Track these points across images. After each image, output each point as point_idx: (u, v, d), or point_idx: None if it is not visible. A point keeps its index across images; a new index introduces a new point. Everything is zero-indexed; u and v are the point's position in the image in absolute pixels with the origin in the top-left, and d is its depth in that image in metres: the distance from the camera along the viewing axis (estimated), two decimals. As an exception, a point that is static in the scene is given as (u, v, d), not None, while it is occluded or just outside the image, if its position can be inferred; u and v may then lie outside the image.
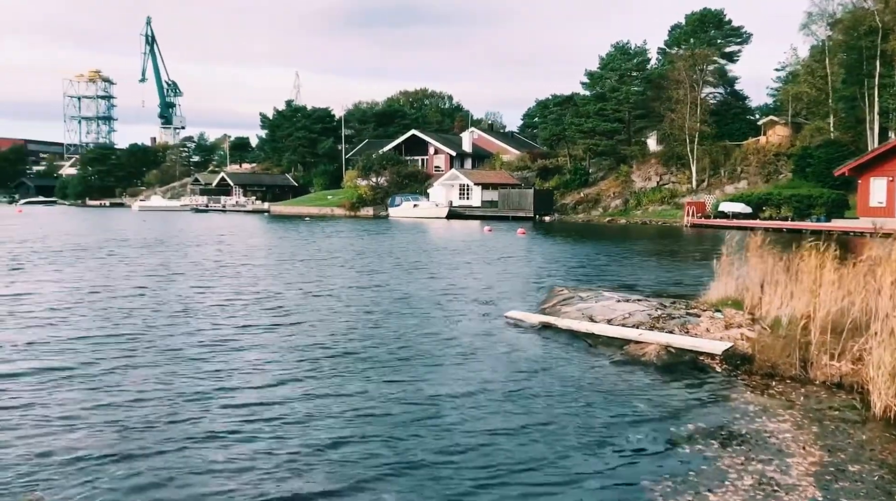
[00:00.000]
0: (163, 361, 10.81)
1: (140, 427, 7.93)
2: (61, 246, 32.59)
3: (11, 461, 6.97)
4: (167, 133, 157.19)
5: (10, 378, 9.84)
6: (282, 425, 8.03)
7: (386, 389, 9.45)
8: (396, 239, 39.35)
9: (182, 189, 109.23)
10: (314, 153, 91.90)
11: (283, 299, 16.84)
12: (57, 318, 14.16)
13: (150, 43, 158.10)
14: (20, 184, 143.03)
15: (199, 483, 6.52)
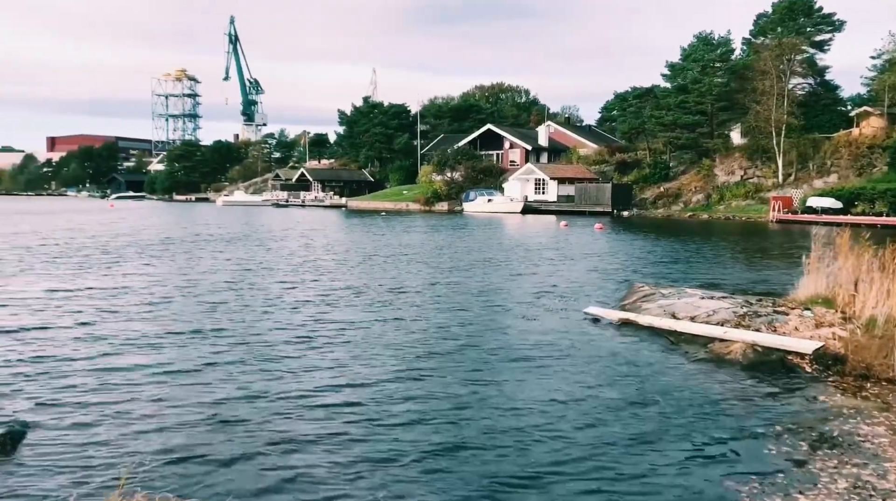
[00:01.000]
0: (254, 357, 11.19)
1: (233, 423, 8.25)
2: (155, 240, 34.04)
3: (105, 454, 7.37)
4: (249, 130, 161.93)
5: (111, 372, 10.37)
6: (369, 425, 8.18)
7: (465, 387, 9.51)
8: (472, 234, 39.45)
9: (263, 184, 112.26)
10: (390, 149, 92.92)
11: (367, 295, 17.06)
12: (155, 312, 14.82)
13: (233, 42, 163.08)
14: (112, 180, 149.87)
15: (288, 480, 6.75)
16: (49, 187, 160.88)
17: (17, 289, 17.13)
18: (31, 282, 18.35)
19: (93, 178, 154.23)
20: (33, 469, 6.80)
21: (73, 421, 7.98)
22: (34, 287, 17.55)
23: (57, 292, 16.70)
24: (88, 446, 7.29)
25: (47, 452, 7.17)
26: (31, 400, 8.67)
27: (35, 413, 8.24)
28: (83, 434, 7.64)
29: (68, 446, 7.32)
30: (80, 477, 6.54)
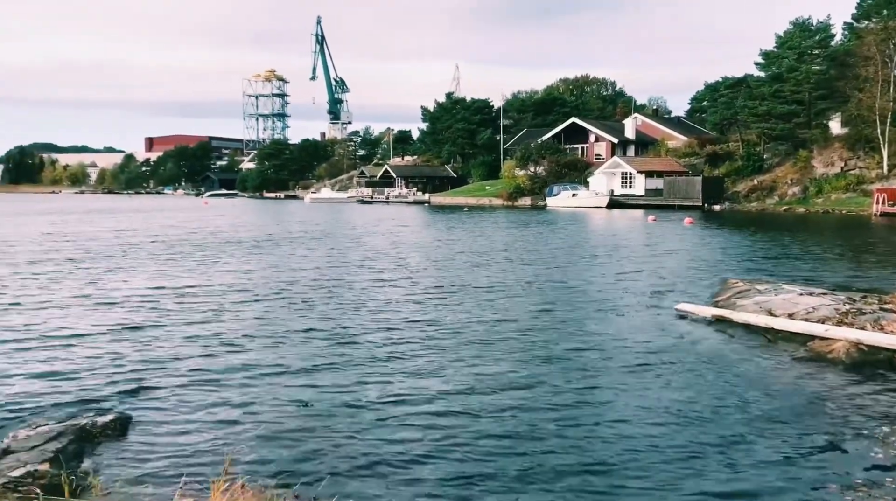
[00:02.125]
0: (348, 353, 11.42)
1: (328, 416, 8.45)
2: (256, 237, 35.22)
3: (206, 441, 7.67)
4: (335, 128, 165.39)
5: (212, 363, 10.79)
6: (457, 421, 8.23)
7: (555, 385, 9.43)
8: (557, 230, 39.07)
9: (349, 181, 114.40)
10: (473, 144, 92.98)
11: (456, 293, 16.91)
12: (256, 307, 15.34)
13: (319, 42, 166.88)
14: (205, 178, 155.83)
15: (382, 476, 6.86)
16: (147, 186, 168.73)
17: (127, 285, 18.05)
18: (143, 277, 19.30)
19: (188, 177, 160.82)
20: (140, 452, 7.15)
21: (176, 409, 8.35)
22: (144, 282, 18.45)
23: (164, 287, 17.50)
24: (191, 433, 7.61)
25: (153, 437, 7.53)
26: (137, 387, 9.11)
27: (140, 400, 8.67)
28: (185, 421, 7.98)
29: (171, 432, 7.66)
30: (183, 462, 6.83)
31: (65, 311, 13.99)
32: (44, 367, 10.00)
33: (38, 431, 7.51)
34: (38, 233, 36.50)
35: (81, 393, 8.89)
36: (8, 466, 6.59)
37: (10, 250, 26.71)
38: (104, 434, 7.66)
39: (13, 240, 31.21)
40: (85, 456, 7.14)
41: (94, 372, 9.78)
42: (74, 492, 6.16)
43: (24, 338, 11.70)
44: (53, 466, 6.68)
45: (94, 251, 26.26)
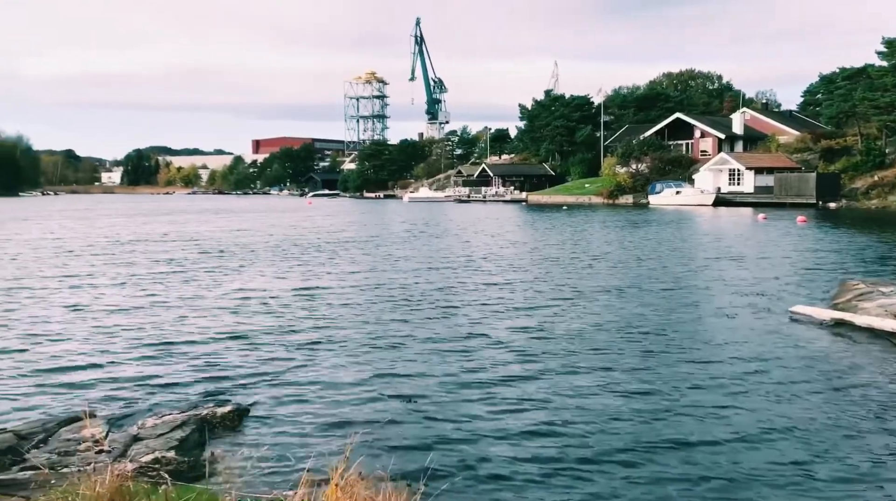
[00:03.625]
0: (456, 352, 11.53)
1: (437, 412, 8.55)
2: (361, 236, 36.09)
3: (319, 432, 7.90)
4: (433, 128, 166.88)
5: (323, 358, 11.09)
6: (564, 423, 8.16)
7: (665, 388, 9.20)
8: (663, 228, 38.05)
9: (446, 181, 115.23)
10: (572, 141, 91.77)
11: (563, 296, 16.77)
12: (370, 304, 15.73)
13: (418, 43, 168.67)
14: (309, 179, 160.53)
15: (485, 470, 6.86)
16: (254, 186, 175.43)
17: (248, 283, 18.85)
18: (263, 276, 20.13)
19: (292, 178, 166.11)
20: (257, 442, 7.44)
21: (290, 403, 8.65)
22: (264, 281, 19.24)
23: (283, 286, 18.19)
24: (303, 425, 7.86)
25: (268, 428, 7.82)
26: (253, 381, 9.50)
27: (256, 393, 9.03)
28: (298, 414, 8.25)
29: (285, 424, 7.94)
30: (299, 451, 7.07)
31: (187, 308, 14.74)
32: (166, 360, 10.59)
33: (164, 420, 7.94)
34: (158, 233, 38.65)
35: (201, 385, 9.36)
36: (139, 452, 6.99)
37: (139, 250, 28.39)
38: (223, 425, 8.03)
39: (141, 240, 33.16)
40: (206, 445, 7.49)
41: (213, 365, 10.27)
42: (198, 478, 6.47)
43: (150, 334, 12.42)
44: (178, 453, 7.05)
45: (214, 250, 27.57)
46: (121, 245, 29.69)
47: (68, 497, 5.21)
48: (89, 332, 12.18)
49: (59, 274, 19.91)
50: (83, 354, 10.77)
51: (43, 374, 9.70)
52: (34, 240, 32.48)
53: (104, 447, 7.03)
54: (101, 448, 6.99)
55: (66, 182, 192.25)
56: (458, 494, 6.11)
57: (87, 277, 19.23)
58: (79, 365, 10.14)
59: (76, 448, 7.02)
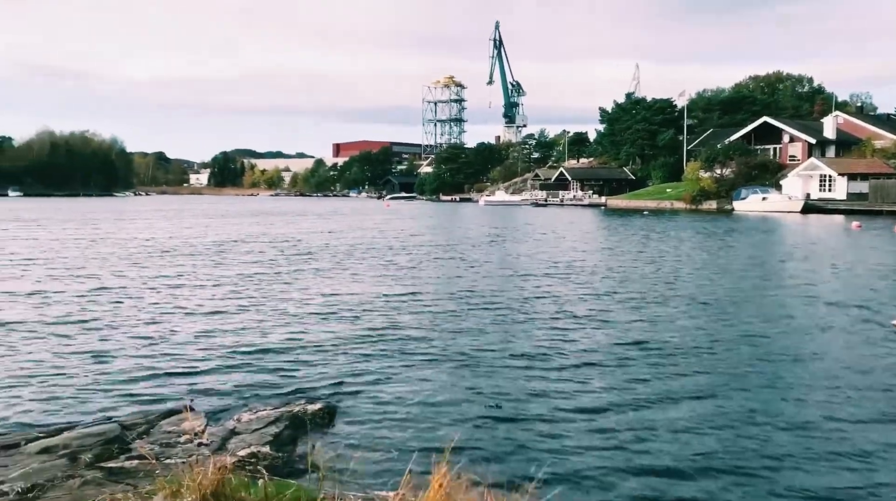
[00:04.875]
0: (537, 354, 11.43)
1: (518, 413, 8.47)
2: (443, 240, 36.31)
3: (410, 430, 7.92)
4: (510, 131, 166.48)
5: (411, 357, 11.17)
6: (656, 431, 7.96)
7: (760, 403, 8.85)
8: (750, 235, 36.82)
9: (523, 184, 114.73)
10: (653, 145, 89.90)
11: (650, 304, 16.35)
12: (459, 304, 15.79)
13: (497, 46, 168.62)
14: (387, 182, 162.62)
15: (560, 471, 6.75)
16: (334, 189, 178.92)
17: (338, 285, 19.24)
18: (354, 279, 20.51)
19: (371, 181, 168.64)
20: (347, 439, 7.53)
21: (379, 402, 8.73)
22: (353, 283, 19.59)
23: (374, 287, 18.47)
24: (392, 425, 7.90)
25: (358, 426, 7.91)
26: (343, 380, 9.63)
27: (345, 391, 9.15)
28: (388, 412, 8.32)
29: (375, 422, 8.01)
30: (390, 452, 7.11)
31: (279, 309, 15.11)
32: (259, 357, 10.86)
33: (258, 415, 8.13)
34: (248, 234, 39.87)
35: (293, 383, 9.54)
36: (236, 446, 7.17)
37: (233, 251, 29.33)
38: (314, 422, 8.16)
39: (232, 241, 34.28)
40: (299, 441, 7.63)
41: (304, 364, 10.47)
42: (292, 474, 6.59)
43: (243, 332, 12.79)
44: (273, 448, 7.20)
45: (304, 252, 28.25)
46: (215, 245, 30.73)
47: (173, 486, 5.38)
48: (187, 331, 12.61)
49: (159, 273, 20.73)
50: (181, 351, 11.14)
51: (144, 369, 10.08)
52: (132, 240, 34.00)
53: (203, 440, 7.24)
54: (200, 441, 7.21)
55: (156, 183, 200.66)
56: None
57: (185, 277, 19.95)
58: (177, 362, 10.49)
59: (177, 440, 7.26)
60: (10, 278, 19.30)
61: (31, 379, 9.44)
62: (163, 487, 5.39)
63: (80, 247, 29.23)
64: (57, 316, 13.56)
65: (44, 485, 5.64)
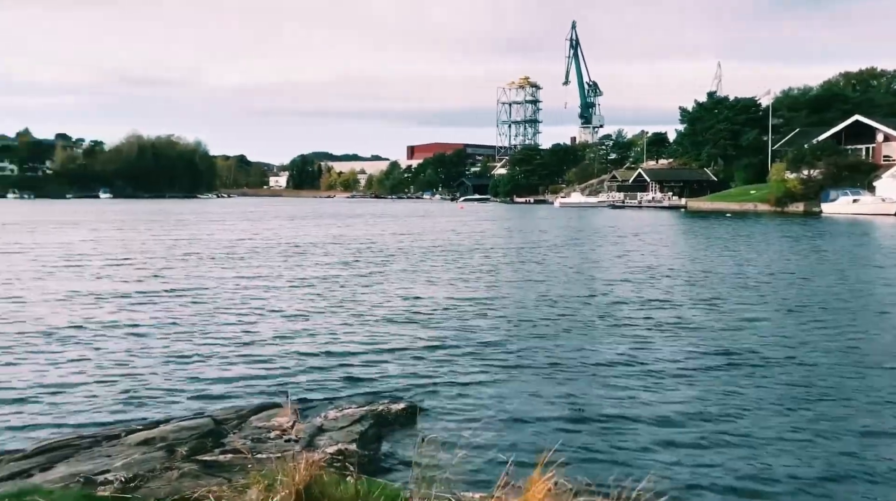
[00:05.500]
0: (620, 362, 11.20)
1: (613, 415, 8.30)
2: (524, 242, 36.15)
3: (493, 432, 7.83)
4: (586, 132, 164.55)
5: (493, 359, 11.11)
6: (780, 443, 7.66)
7: (857, 418, 8.42)
8: (842, 238, 35.24)
9: (599, 186, 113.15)
10: (736, 145, 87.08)
11: (739, 311, 15.69)
12: (545, 307, 15.66)
13: (573, 46, 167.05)
14: (460, 184, 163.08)
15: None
16: (408, 191, 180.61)
17: (417, 289, 19.37)
18: (430, 283, 20.62)
19: (444, 183, 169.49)
20: (433, 440, 7.49)
21: (461, 402, 8.69)
22: (431, 287, 19.69)
23: (451, 293, 18.52)
24: (477, 426, 7.83)
25: (440, 426, 7.88)
26: (424, 381, 9.65)
27: (428, 391, 9.16)
28: (471, 414, 8.27)
29: (459, 423, 7.98)
30: (474, 451, 7.04)
31: (362, 310, 15.30)
32: (343, 356, 11.01)
33: (344, 413, 8.21)
34: (329, 235, 40.65)
35: (375, 381, 9.63)
36: (324, 443, 7.25)
37: (316, 252, 29.95)
38: (398, 421, 8.19)
39: (315, 243, 35.01)
40: (383, 439, 7.66)
41: (385, 362, 10.57)
42: (377, 472, 6.61)
43: (327, 332, 13.01)
44: (359, 446, 7.24)
45: (384, 253, 28.62)
46: (295, 247, 31.43)
47: (266, 481, 5.46)
48: (271, 330, 12.89)
49: (243, 274, 21.33)
50: (266, 350, 11.41)
51: (233, 366, 10.36)
52: (216, 241, 35.12)
53: (292, 435, 7.35)
54: (289, 437, 7.32)
55: (237, 185, 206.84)
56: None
57: (268, 278, 20.46)
58: (264, 360, 10.74)
59: (267, 436, 7.39)
60: (105, 278, 20.19)
61: (127, 375, 9.83)
62: (257, 481, 5.48)
63: (168, 247, 30.37)
64: (148, 316, 14.06)
65: (144, 476, 5.81)
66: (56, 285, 18.13)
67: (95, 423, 7.86)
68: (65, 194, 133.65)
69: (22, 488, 5.16)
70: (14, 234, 37.41)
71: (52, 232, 39.72)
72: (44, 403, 8.54)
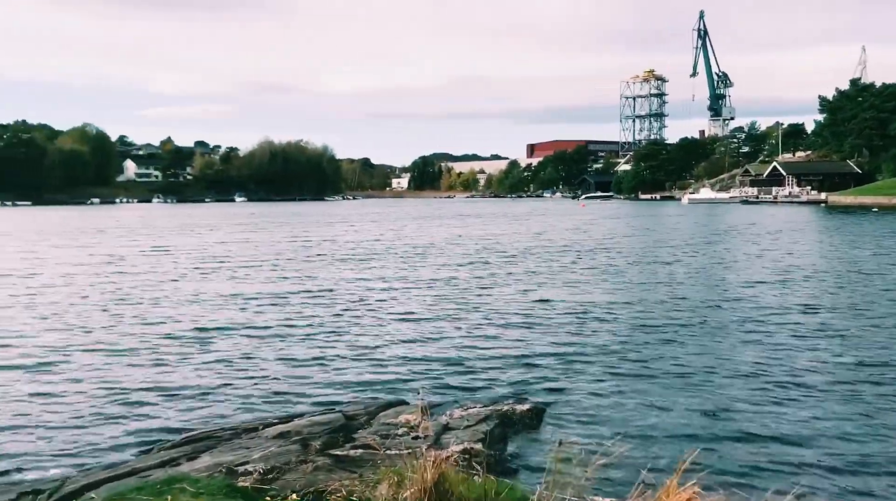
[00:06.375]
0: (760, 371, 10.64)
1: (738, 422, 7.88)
2: (657, 242, 35.22)
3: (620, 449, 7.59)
4: (716, 125, 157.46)
5: (628, 364, 10.83)
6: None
7: None
8: None
9: (730, 181, 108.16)
10: (883, 135, 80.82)
11: (873, 322, 14.68)
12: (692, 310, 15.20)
13: (701, 37, 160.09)
14: (582, 181, 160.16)
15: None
16: (528, 189, 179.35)
17: (543, 290, 19.27)
18: (557, 285, 20.46)
19: (565, 180, 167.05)
20: (559, 441, 7.36)
21: (589, 406, 8.51)
22: (557, 290, 19.51)
23: (579, 296, 18.27)
24: (603, 429, 7.65)
25: (567, 430, 7.73)
26: (550, 383, 9.53)
27: (554, 393, 9.03)
28: (598, 417, 8.09)
29: (583, 427, 7.82)
30: (601, 456, 6.83)
31: (488, 310, 15.40)
32: (467, 356, 11.07)
33: (469, 412, 8.21)
34: (453, 235, 41.15)
35: (499, 382, 9.59)
36: (450, 441, 7.28)
37: (441, 253, 30.42)
38: (523, 422, 8.10)
39: (436, 243, 35.55)
40: (509, 440, 7.60)
41: (510, 363, 10.53)
42: (503, 473, 6.55)
43: (451, 331, 13.14)
44: (485, 446, 7.21)
45: (509, 253, 28.70)
46: (418, 247, 32.01)
47: (396, 477, 5.54)
48: (397, 330, 13.17)
49: (370, 275, 21.96)
50: (393, 348, 11.67)
51: (360, 364, 10.65)
52: (347, 242, 36.31)
53: (419, 433, 7.43)
54: (416, 435, 7.41)
55: (362, 187, 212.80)
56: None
57: (393, 280, 20.97)
58: (391, 358, 10.96)
59: (395, 432, 7.50)
60: (241, 280, 21.28)
61: (260, 372, 10.31)
62: (387, 477, 5.56)
63: (300, 249, 31.68)
64: (280, 317, 14.68)
65: (280, 468, 6.04)
66: (201, 286, 19.31)
67: (234, 417, 8.26)
68: (203, 198, 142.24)
69: (172, 475, 5.47)
70: (165, 238, 40.15)
71: (201, 234, 42.34)
72: (189, 398, 9.08)
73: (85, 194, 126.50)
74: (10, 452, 7.30)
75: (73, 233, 43.54)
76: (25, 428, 7.96)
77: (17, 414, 8.40)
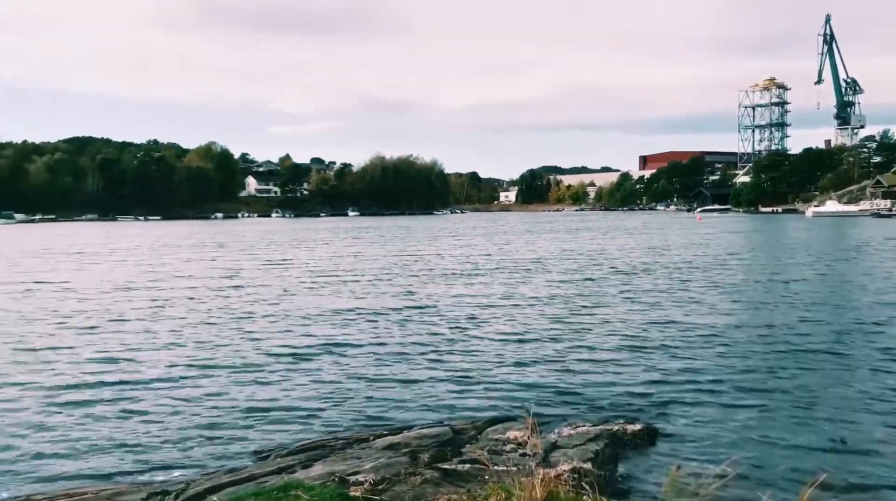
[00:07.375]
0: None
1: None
2: (794, 262, 33.69)
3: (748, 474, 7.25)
4: (843, 134, 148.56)
5: (732, 392, 10.40)
6: None
7: None
8: None
9: (860, 193, 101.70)
10: None
11: None
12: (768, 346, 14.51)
13: (827, 42, 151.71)
14: (697, 194, 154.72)
15: None
16: (640, 202, 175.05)
17: (661, 310, 18.82)
18: (676, 304, 19.95)
19: (679, 193, 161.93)
20: (675, 464, 7.11)
21: (704, 427, 8.19)
22: (675, 310, 19.01)
23: (698, 317, 17.73)
24: (722, 452, 7.33)
25: (681, 452, 7.47)
26: (664, 402, 9.24)
27: (667, 413, 8.75)
28: (716, 440, 7.76)
29: (699, 448, 7.53)
30: (722, 480, 6.56)
31: (600, 326, 15.17)
32: (579, 374, 10.92)
33: (578, 431, 8.08)
34: (560, 249, 40.79)
35: (608, 400, 9.39)
36: (559, 459, 7.18)
37: (548, 268, 30.25)
38: (634, 442, 7.89)
39: (544, 258, 35.36)
40: (619, 461, 7.41)
41: (619, 382, 10.31)
42: (614, 494, 6.38)
43: (561, 348, 12.96)
44: (594, 465, 7.06)
45: (621, 270, 28.13)
46: (525, 262, 31.89)
47: (503, 493, 5.51)
48: (501, 346, 13.14)
49: (475, 291, 22.07)
50: (501, 366, 11.64)
51: (469, 380, 10.68)
52: (457, 256, 36.66)
53: (527, 450, 7.37)
54: (524, 452, 7.35)
55: (470, 201, 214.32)
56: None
57: (499, 296, 20.99)
58: (499, 375, 10.95)
59: (503, 448, 7.48)
60: (358, 296, 21.86)
61: (370, 384, 10.56)
62: (495, 493, 5.55)
63: (411, 263, 32.22)
64: (388, 332, 14.91)
65: (390, 479, 6.15)
66: (317, 300, 19.99)
67: (346, 428, 8.47)
68: (319, 212, 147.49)
69: (287, 482, 5.69)
70: (282, 252, 41.88)
71: (315, 248, 43.91)
72: (303, 410, 9.38)
73: (209, 209, 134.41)
74: (140, 455, 7.79)
75: (197, 246, 46.16)
76: (153, 434, 8.47)
77: (146, 422, 8.94)
